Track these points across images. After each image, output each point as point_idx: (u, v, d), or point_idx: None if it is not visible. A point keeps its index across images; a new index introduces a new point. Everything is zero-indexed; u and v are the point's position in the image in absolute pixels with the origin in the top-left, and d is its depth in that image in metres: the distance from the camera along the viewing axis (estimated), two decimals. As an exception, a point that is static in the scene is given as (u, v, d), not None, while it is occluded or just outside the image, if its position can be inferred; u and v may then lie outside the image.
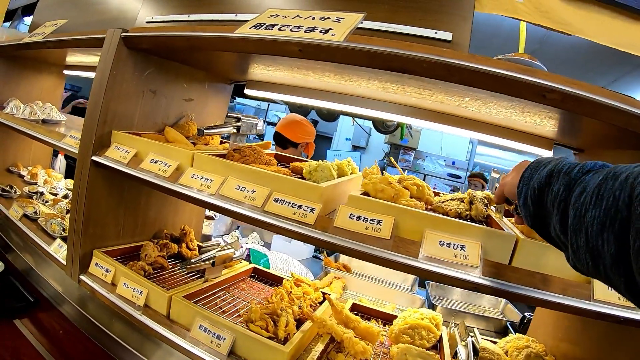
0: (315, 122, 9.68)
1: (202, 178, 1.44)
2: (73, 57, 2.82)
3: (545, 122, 1.47)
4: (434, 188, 1.69)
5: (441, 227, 1.21)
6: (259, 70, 1.80)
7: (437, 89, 1.36)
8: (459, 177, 8.55)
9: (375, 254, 1.16)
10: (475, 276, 1.15)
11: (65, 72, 3.37)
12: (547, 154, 1.73)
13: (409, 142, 8.33)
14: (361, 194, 1.29)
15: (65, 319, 1.74)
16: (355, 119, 7.34)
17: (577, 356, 1.58)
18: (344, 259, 2.72)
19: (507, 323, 2.14)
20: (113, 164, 1.66)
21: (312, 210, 1.24)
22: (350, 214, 1.21)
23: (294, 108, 5.05)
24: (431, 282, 2.50)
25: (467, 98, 1.38)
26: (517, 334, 1.79)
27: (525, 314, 2.09)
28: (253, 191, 1.33)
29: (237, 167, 1.42)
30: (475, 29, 1.38)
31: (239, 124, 1.70)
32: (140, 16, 2.06)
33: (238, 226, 3.24)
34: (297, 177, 1.41)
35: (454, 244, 1.18)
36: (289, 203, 1.27)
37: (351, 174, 1.62)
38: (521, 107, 1.33)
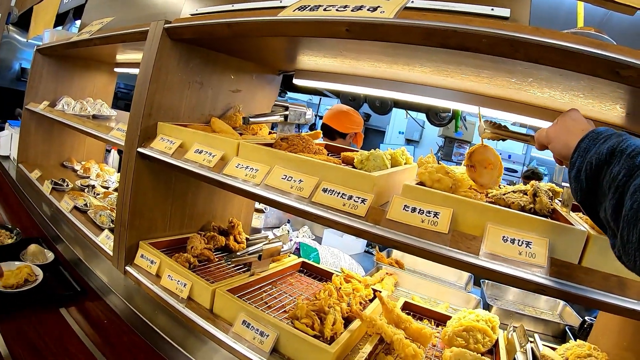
0: (367, 116, 9.55)
1: (247, 168, 1.36)
2: (123, 55, 2.84)
3: (615, 106, 1.30)
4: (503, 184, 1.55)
5: (504, 221, 1.07)
6: (307, 57, 1.71)
7: (497, 70, 1.23)
8: (516, 171, 8.23)
9: (432, 250, 1.04)
10: (542, 276, 1.00)
11: (116, 69, 3.42)
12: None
13: (464, 135, 7.96)
14: (416, 184, 1.17)
15: (110, 310, 1.72)
16: (409, 112, 7.10)
17: (646, 366, 1.41)
18: (396, 254, 2.60)
19: (566, 327, 1.95)
20: (158, 155, 1.63)
21: (363, 201, 1.13)
22: (405, 206, 1.09)
23: (345, 100, 4.94)
24: (487, 281, 2.34)
25: (531, 79, 1.24)
26: (577, 340, 1.62)
27: (586, 317, 1.90)
28: (300, 181, 1.24)
29: (283, 155, 1.33)
30: (533, 8, 1.25)
31: (287, 112, 1.61)
32: (185, 10, 2.03)
33: (289, 220, 3.17)
34: (348, 167, 1.31)
35: (519, 240, 1.04)
36: (339, 193, 1.17)
37: (405, 164, 1.50)
38: (590, 88, 1.18)
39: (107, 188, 2.95)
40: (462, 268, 1.06)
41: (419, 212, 1.08)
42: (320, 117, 9.91)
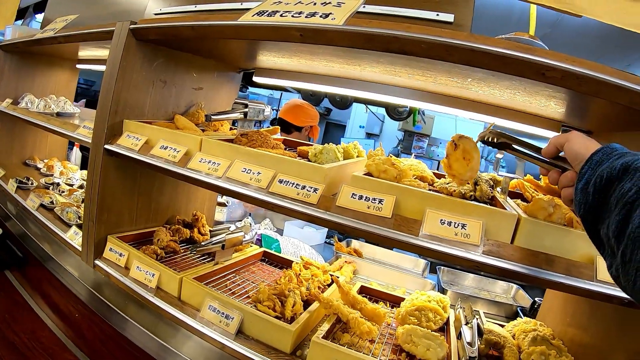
0: (328, 110, 9.79)
1: (209, 162, 1.50)
2: (85, 51, 2.91)
3: (549, 102, 1.48)
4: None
5: (443, 206, 1.24)
6: (266, 57, 1.85)
7: (438, 71, 1.40)
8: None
9: (376, 232, 1.20)
10: (476, 254, 1.18)
11: (78, 66, 3.47)
12: (554, 135, 1.74)
13: (423, 129, 8.39)
14: (364, 175, 1.34)
15: (81, 303, 1.82)
16: (369, 106, 7.40)
17: (585, 341, 1.60)
18: (355, 244, 2.77)
19: (518, 308, 2.16)
20: (125, 152, 1.73)
21: (315, 190, 1.29)
22: (353, 194, 1.26)
23: (306, 96, 5.13)
24: (442, 268, 2.53)
25: (469, 79, 1.41)
26: (525, 318, 1.82)
27: (536, 299, 2.11)
28: (259, 173, 1.39)
29: (243, 150, 1.48)
30: (486, 13, 1.41)
31: (246, 109, 1.76)
32: (149, 9, 2.13)
33: (250, 213, 3.32)
34: (303, 160, 1.47)
35: (455, 223, 1.21)
36: (293, 184, 1.32)
37: (358, 157, 1.67)
38: (523, 87, 1.36)
39: (71, 185, 3.01)
40: (404, 248, 1.22)
41: (365, 199, 1.25)
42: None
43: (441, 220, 1.21)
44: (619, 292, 1.17)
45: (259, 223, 3.03)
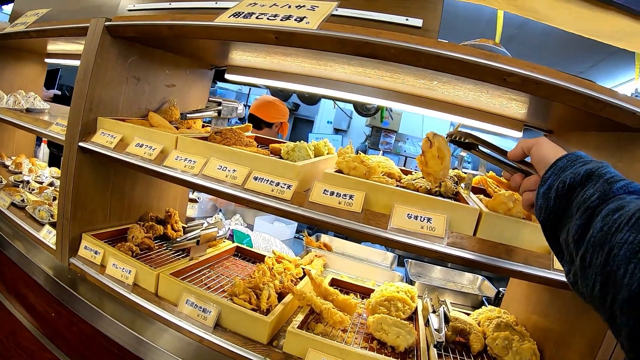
0: (296, 106, 9.93)
1: (185, 160, 1.57)
2: (54, 45, 2.91)
3: (510, 104, 1.61)
4: (415, 170, 1.84)
5: (409, 201, 1.36)
6: (239, 56, 1.93)
7: (406, 73, 1.50)
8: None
9: (347, 226, 1.31)
10: (441, 246, 1.30)
11: (46, 60, 3.45)
12: (517, 135, 1.88)
13: (390, 125, 8.62)
14: (335, 172, 1.44)
15: (58, 303, 1.84)
16: (337, 102, 7.58)
17: (546, 326, 1.74)
18: (324, 238, 2.88)
19: (483, 298, 2.31)
20: (100, 149, 1.77)
21: (288, 187, 1.38)
22: (324, 190, 1.36)
23: (275, 92, 5.24)
24: (410, 261, 2.67)
25: (435, 82, 1.53)
26: (490, 306, 1.96)
27: (500, 289, 2.25)
28: (234, 170, 1.47)
29: (218, 148, 1.56)
30: (458, 14, 1.51)
31: (220, 107, 1.84)
32: (122, 4, 2.16)
33: (220, 209, 3.40)
34: (276, 157, 1.56)
35: (421, 217, 1.33)
36: (267, 181, 1.41)
37: (328, 154, 1.77)
38: (485, 90, 1.48)
39: (41, 183, 3.02)
40: (373, 241, 1.33)
41: (336, 195, 1.35)
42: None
43: (408, 214, 1.33)
44: None
45: (230, 219, 3.12)
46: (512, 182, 1.13)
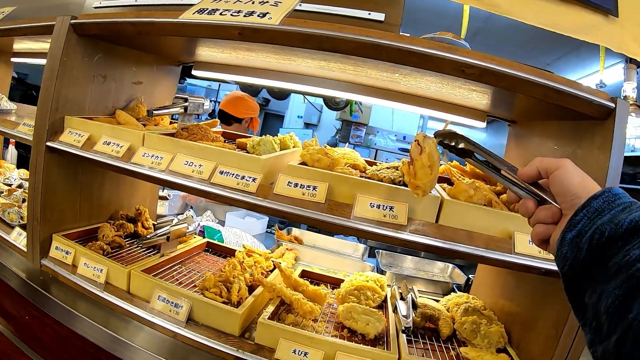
0: (267, 101, 10.01)
1: (152, 156, 1.61)
2: (21, 44, 2.90)
3: (471, 95, 1.68)
4: (386, 161, 1.90)
5: (372, 191, 1.42)
6: (205, 52, 1.96)
7: (368, 66, 1.56)
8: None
9: (311, 217, 1.36)
10: (404, 233, 1.36)
11: (13, 59, 3.43)
12: (480, 125, 1.96)
13: (360, 118, 8.74)
14: (299, 164, 1.49)
15: (31, 305, 1.85)
16: (306, 97, 7.67)
17: (513, 310, 1.83)
18: (295, 232, 2.94)
19: (454, 285, 2.39)
20: (68, 148, 1.79)
21: (253, 180, 1.43)
22: (289, 182, 1.41)
23: (244, 87, 5.27)
24: (381, 251, 2.75)
25: (397, 74, 1.58)
26: (459, 292, 2.03)
27: (470, 276, 2.34)
28: (200, 165, 1.52)
29: (184, 144, 1.60)
30: (424, 10, 1.57)
31: (187, 104, 1.87)
32: (89, 1, 2.17)
33: (192, 206, 3.44)
34: (242, 152, 1.60)
35: (384, 206, 1.39)
36: (233, 174, 1.46)
37: (294, 147, 1.82)
38: (446, 82, 1.54)
39: (9, 185, 3.01)
40: (337, 230, 1.39)
41: (300, 187, 1.40)
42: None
43: (370, 203, 1.39)
44: (536, 263, 1.38)
45: (201, 215, 3.16)
46: (520, 207, 0.98)
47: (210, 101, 2.11)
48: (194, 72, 2.24)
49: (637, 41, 1.95)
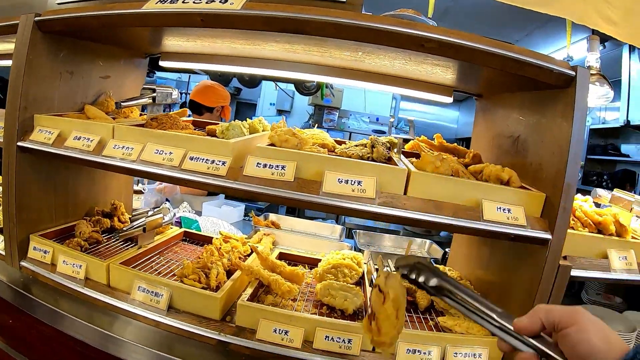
0: (238, 90, 10.02)
1: (123, 147, 1.62)
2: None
3: (435, 70, 1.73)
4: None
5: (340, 167, 1.46)
6: (171, 41, 1.98)
7: (330, 46, 1.60)
8: (384, 132, 9.12)
9: (281, 195, 1.40)
10: (373, 206, 1.41)
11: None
12: (447, 100, 2.01)
13: (332, 102, 8.82)
14: (267, 145, 1.52)
15: (13, 308, 1.85)
16: (278, 83, 7.71)
17: (488, 279, 1.89)
18: (272, 217, 2.97)
19: (431, 260, 2.45)
20: (39, 147, 1.79)
21: (223, 163, 1.47)
22: (258, 163, 1.44)
23: (214, 77, 5.28)
24: (358, 231, 2.80)
25: (360, 52, 1.62)
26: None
27: (446, 249, 2.40)
28: (170, 153, 1.54)
29: (154, 133, 1.62)
30: None
31: (154, 94, 1.89)
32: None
33: (167, 199, 3.47)
34: (211, 137, 1.63)
35: (351, 180, 1.43)
36: (203, 159, 1.49)
37: (263, 131, 1.86)
38: (408, 57, 1.58)
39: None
40: (306, 207, 1.42)
41: (269, 167, 1.44)
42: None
43: (339, 179, 1.42)
44: (505, 229, 1.44)
45: (177, 207, 3.18)
46: None
47: (181, 93, 2.12)
48: (161, 63, 2.25)
49: (598, 13, 2.02)
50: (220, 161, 1.47)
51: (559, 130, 1.51)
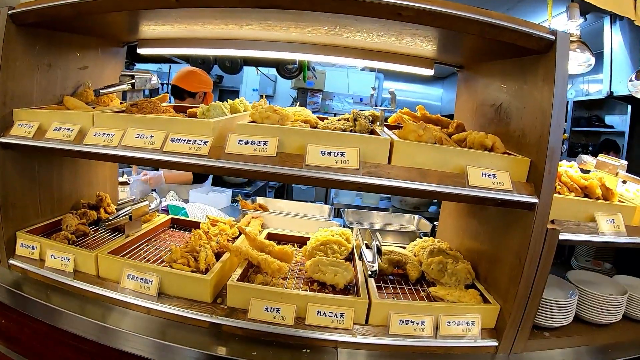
0: (220, 78, 9.96)
1: (104, 134, 1.60)
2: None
3: (414, 41, 1.72)
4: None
5: (322, 140, 1.45)
6: (147, 27, 1.95)
7: (308, 21, 1.58)
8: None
9: (264, 170, 1.39)
10: (357, 177, 1.40)
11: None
12: (429, 72, 2.00)
13: (315, 85, 8.78)
14: (249, 123, 1.51)
15: (5, 307, 1.82)
16: (259, 68, 7.67)
17: (478, 247, 1.89)
18: (260, 200, 2.97)
19: (420, 234, 2.46)
20: (19, 141, 1.76)
21: (205, 142, 1.45)
22: (239, 140, 1.43)
23: (195, 64, 5.24)
24: (347, 210, 2.79)
25: (338, 26, 1.61)
26: (424, 237, 2.09)
27: (435, 223, 2.40)
28: (151, 136, 1.52)
29: (134, 118, 1.60)
30: None
31: (133, 80, 1.87)
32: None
33: (154, 189, 3.45)
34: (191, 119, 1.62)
35: (334, 152, 1.42)
36: (184, 140, 1.47)
37: (245, 111, 1.84)
38: (386, 29, 1.57)
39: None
40: (290, 181, 1.42)
41: (251, 144, 1.43)
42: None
43: (322, 151, 1.42)
44: (491, 194, 1.44)
45: (164, 197, 3.17)
46: None
47: (162, 84, 2.10)
48: (139, 50, 2.22)
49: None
50: (202, 141, 1.46)
51: (541, 96, 1.51)
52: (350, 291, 1.67)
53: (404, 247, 2.04)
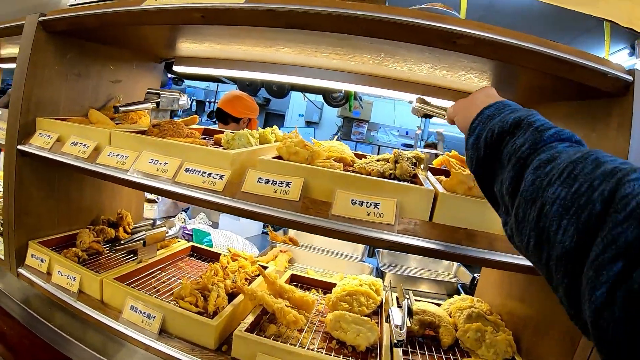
0: (267, 100, 10.03)
1: (118, 155, 1.47)
2: (6, 50, 2.82)
3: (468, 75, 1.50)
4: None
5: (354, 186, 1.24)
6: (180, 45, 1.84)
7: (345, 46, 1.39)
8: (412, 146, 8.91)
9: (282, 217, 1.19)
10: (391, 234, 1.17)
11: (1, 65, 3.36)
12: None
13: (361, 115, 8.69)
14: (274, 158, 1.32)
15: (8, 315, 1.76)
16: (306, 94, 7.60)
17: (523, 312, 1.63)
18: (291, 233, 2.80)
19: (459, 285, 2.20)
20: (36, 151, 1.69)
21: (221, 177, 1.27)
22: (259, 178, 1.24)
23: (242, 86, 5.15)
24: (382, 250, 2.56)
25: (382, 54, 1.41)
26: (462, 295, 1.84)
27: (475, 275, 2.14)
28: (165, 163, 1.36)
29: (150, 140, 1.45)
30: None
31: (159, 99, 1.73)
32: (64, 0, 2.07)
33: (185, 209, 3.32)
34: (215, 147, 1.45)
35: (367, 202, 1.21)
36: (199, 172, 1.30)
37: (276, 141, 1.65)
38: (437, 59, 1.36)
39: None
40: (313, 231, 1.21)
41: (272, 183, 1.23)
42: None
43: (352, 200, 1.21)
44: None
45: (194, 218, 3.04)
46: None
47: (209, 102, 1.97)
48: (174, 68, 2.12)
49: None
50: (217, 174, 1.28)
51: (614, 146, 1.25)
52: (372, 354, 1.44)
53: (439, 304, 1.80)
